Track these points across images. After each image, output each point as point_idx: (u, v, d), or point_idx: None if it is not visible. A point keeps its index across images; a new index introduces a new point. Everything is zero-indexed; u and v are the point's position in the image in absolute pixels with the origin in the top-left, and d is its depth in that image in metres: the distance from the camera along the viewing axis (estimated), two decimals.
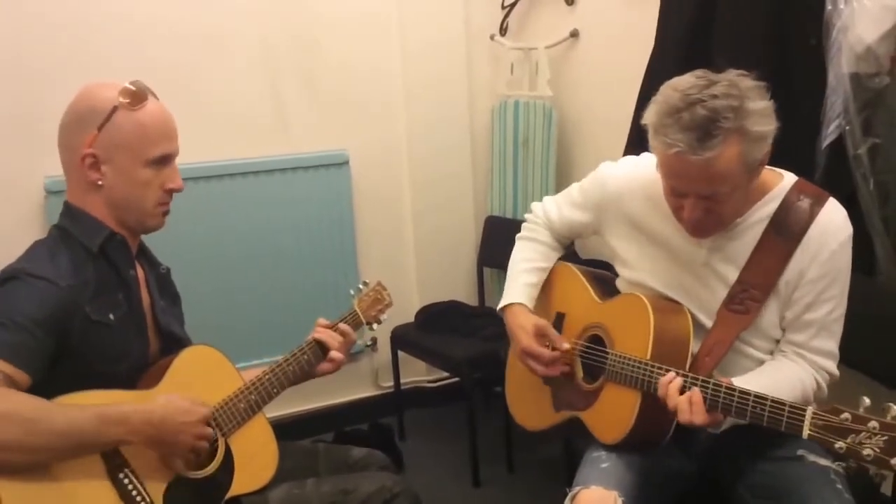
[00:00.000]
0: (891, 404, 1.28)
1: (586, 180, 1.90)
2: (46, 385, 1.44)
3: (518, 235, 2.04)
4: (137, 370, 1.63)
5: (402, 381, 3.29)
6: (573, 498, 1.57)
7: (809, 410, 1.34)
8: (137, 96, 1.58)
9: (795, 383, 1.57)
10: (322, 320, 1.90)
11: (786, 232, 1.61)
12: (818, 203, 1.62)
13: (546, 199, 2.02)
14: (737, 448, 1.56)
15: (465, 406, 2.89)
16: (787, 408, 1.38)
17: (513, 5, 3.33)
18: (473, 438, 2.88)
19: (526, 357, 1.83)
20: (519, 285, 1.93)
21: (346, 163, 3.20)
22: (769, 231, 1.62)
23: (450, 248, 3.46)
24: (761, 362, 1.66)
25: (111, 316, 1.58)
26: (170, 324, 1.74)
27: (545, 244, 1.99)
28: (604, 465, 1.64)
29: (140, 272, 1.69)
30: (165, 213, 1.67)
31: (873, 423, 1.26)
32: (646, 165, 1.71)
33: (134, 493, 1.47)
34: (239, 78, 3.01)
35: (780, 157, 2.03)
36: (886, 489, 1.87)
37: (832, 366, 1.63)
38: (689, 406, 1.48)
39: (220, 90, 2.97)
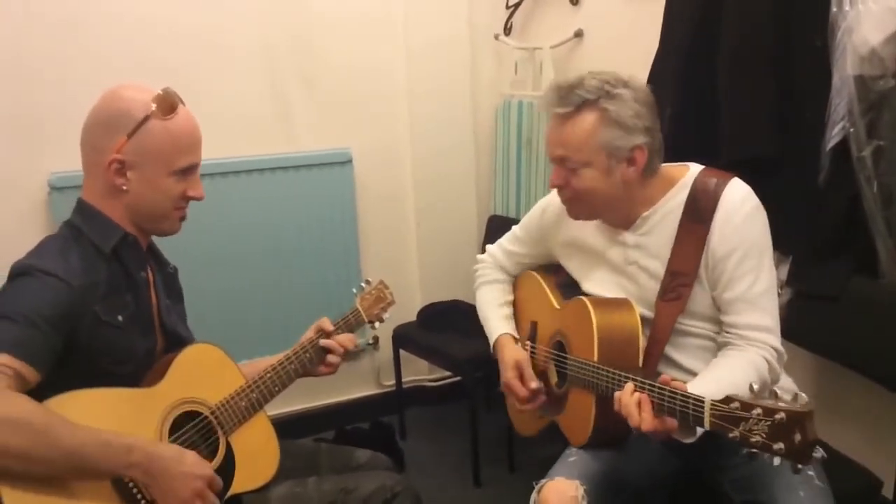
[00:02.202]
0: (776, 389, 1.30)
1: (525, 218, 2.05)
2: (52, 382, 1.44)
3: (475, 285, 2.16)
4: (143, 369, 1.63)
5: (403, 379, 3.30)
6: (539, 490, 1.62)
7: (707, 402, 1.36)
8: (169, 105, 1.58)
9: (750, 372, 1.58)
10: (326, 321, 1.90)
11: (698, 217, 1.67)
12: (723, 184, 1.68)
13: (489, 247, 2.17)
14: (717, 443, 1.57)
15: (467, 405, 2.89)
16: (691, 401, 1.39)
17: (517, 5, 3.33)
18: (475, 437, 2.88)
19: (507, 391, 1.93)
20: (497, 319, 2.05)
21: (350, 161, 3.20)
22: (685, 219, 1.69)
23: (452, 247, 3.46)
24: (707, 337, 1.71)
25: (119, 317, 1.58)
26: (175, 324, 1.75)
27: (503, 281, 2.12)
28: (571, 459, 1.70)
29: (149, 273, 1.70)
30: (182, 219, 1.68)
31: (757, 410, 1.28)
32: None
33: (134, 490, 1.47)
34: (242, 77, 3.01)
35: (784, 158, 2.04)
36: (888, 492, 1.88)
37: (772, 339, 1.63)
38: (636, 408, 1.48)
39: (223, 89, 2.97)
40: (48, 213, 2.70)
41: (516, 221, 2.16)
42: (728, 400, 1.32)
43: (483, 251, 3.36)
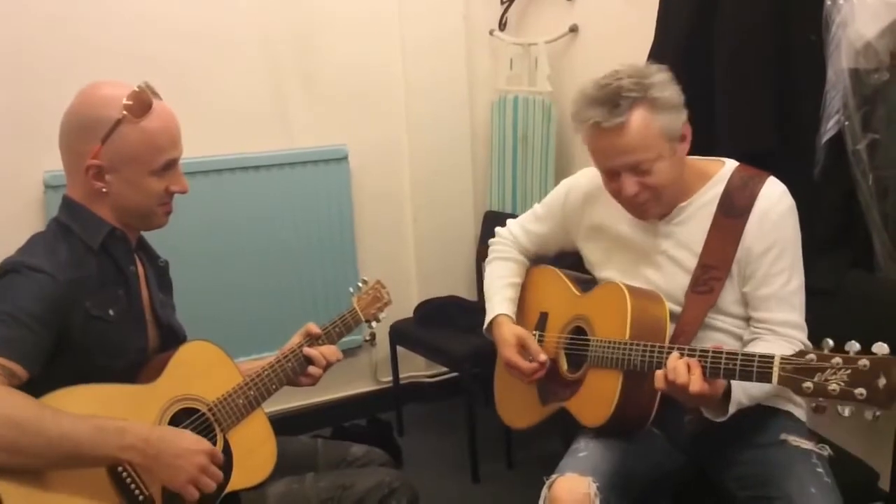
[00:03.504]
0: (853, 341, 1.31)
1: (548, 197, 2.03)
2: (47, 379, 1.44)
3: (488, 259, 2.13)
4: (137, 364, 1.63)
5: (400, 376, 3.30)
6: (550, 486, 1.61)
7: (777, 357, 1.38)
8: (142, 104, 1.55)
9: None
10: (313, 326, 1.88)
11: (733, 212, 1.69)
12: (759, 181, 1.70)
13: (509, 222, 2.14)
14: (722, 438, 1.58)
15: (464, 401, 2.89)
16: (756, 358, 1.41)
17: (512, 0, 3.32)
18: (472, 434, 2.88)
19: (509, 369, 1.90)
20: (500, 300, 2.02)
21: (346, 158, 3.20)
22: (719, 213, 1.70)
23: (449, 243, 3.47)
24: (731, 333, 1.72)
25: (111, 311, 1.57)
26: (169, 317, 1.74)
27: (516, 261, 2.08)
28: (581, 455, 1.68)
29: (139, 267, 1.69)
30: (168, 213, 1.67)
31: (837, 360, 1.31)
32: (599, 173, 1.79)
33: (132, 486, 1.47)
34: (239, 73, 3.01)
35: (780, 151, 2.05)
36: (884, 483, 1.88)
37: (802, 336, 1.67)
38: (686, 369, 1.48)
39: (220, 85, 2.97)
40: (44, 212, 2.70)
41: (513, 217, 2.16)
42: (802, 353, 1.34)
43: (480, 247, 3.40)
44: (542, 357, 1.86)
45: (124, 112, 1.53)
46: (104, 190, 1.57)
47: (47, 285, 1.47)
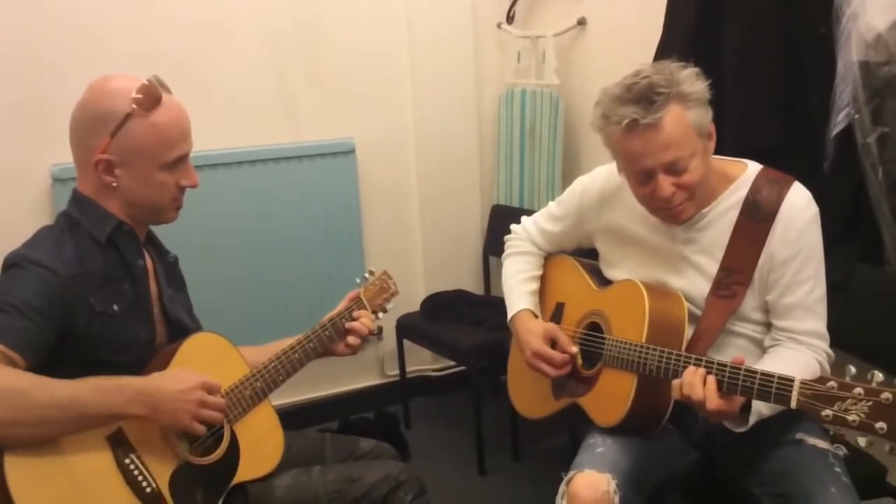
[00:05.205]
0: (875, 371, 1.30)
1: (563, 195, 2.00)
2: (53, 373, 1.44)
3: (504, 255, 2.12)
4: (144, 359, 1.63)
5: (407, 369, 3.30)
6: (568, 482, 1.61)
7: (797, 381, 1.37)
8: (152, 98, 1.55)
9: (803, 368, 1.58)
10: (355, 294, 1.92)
11: (757, 216, 1.66)
12: (784, 186, 1.67)
13: (524, 219, 2.12)
14: (737, 435, 1.57)
15: (471, 394, 2.90)
16: (775, 379, 1.40)
17: None
18: (479, 427, 2.88)
19: (537, 360, 1.86)
20: (521, 294, 2.00)
21: (353, 151, 3.20)
22: (742, 217, 1.68)
23: (456, 236, 3.46)
24: (751, 339, 1.71)
25: (115, 307, 1.57)
26: (178, 312, 1.74)
27: (534, 254, 2.07)
28: (599, 450, 1.67)
29: (148, 261, 1.70)
30: (178, 208, 1.67)
31: (858, 390, 1.29)
32: (617, 172, 1.77)
33: (140, 478, 1.48)
34: (245, 66, 3.01)
35: (789, 145, 2.04)
36: (892, 478, 1.88)
37: (825, 345, 1.66)
38: (701, 385, 1.48)
39: (226, 78, 2.97)
40: (52, 205, 2.71)
41: (520, 210, 2.16)
42: (823, 380, 1.33)
43: (487, 240, 3.40)
44: (573, 349, 1.84)
45: (133, 106, 1.53)
46: (114, 184, 1.57)
47: (49, 280, 1.48)
